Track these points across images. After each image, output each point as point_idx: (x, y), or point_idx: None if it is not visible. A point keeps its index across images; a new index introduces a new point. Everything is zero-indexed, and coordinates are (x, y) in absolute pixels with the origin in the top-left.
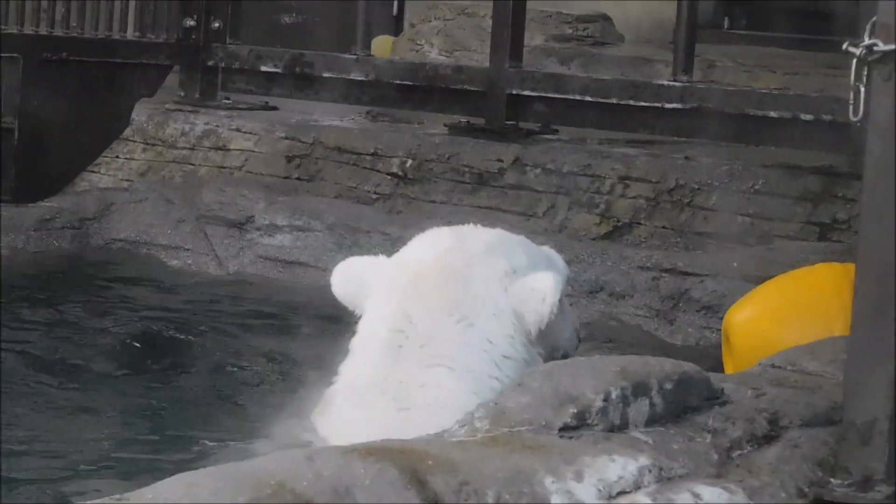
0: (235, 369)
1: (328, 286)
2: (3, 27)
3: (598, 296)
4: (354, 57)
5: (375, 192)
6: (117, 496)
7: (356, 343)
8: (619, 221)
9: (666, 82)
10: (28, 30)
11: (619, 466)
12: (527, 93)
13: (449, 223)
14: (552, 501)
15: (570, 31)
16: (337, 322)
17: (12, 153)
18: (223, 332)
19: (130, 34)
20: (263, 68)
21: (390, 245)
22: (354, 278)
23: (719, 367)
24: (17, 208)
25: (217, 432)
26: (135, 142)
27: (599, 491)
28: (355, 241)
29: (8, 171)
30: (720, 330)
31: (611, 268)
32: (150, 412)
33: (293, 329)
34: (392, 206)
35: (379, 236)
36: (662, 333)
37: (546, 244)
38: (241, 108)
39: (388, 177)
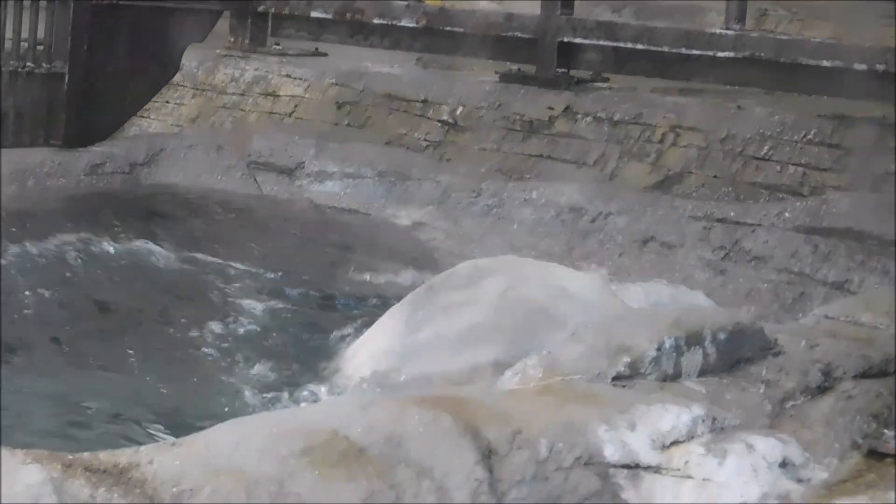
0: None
1: None
2: None
3: (649, 246)
4: (405, 3)
5: (425, 140)
6: (172, 440)
7: None
8: (670, 171)
9: (718, 31)
10: None
11: (672, 416)
12: (578, 41)
13: (499, 171)
14: (605, 451)
15: None
16: None
17: (63, 99)
18: None
19: None
20: (314, 14)
21: (441, 193)
22: None
23: (772, 317)
24: (67, 153)
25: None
26: (185, 87)
27: (653, 441)
28: (405, 189)
29: (58, 117)
30: (771, 280)
31: (661, 218)
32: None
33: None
34: (442, 153)
35: (429, 184)
36: (713, 284)
37: (596, 193)
38: (291, 55)
39: (439, 124)
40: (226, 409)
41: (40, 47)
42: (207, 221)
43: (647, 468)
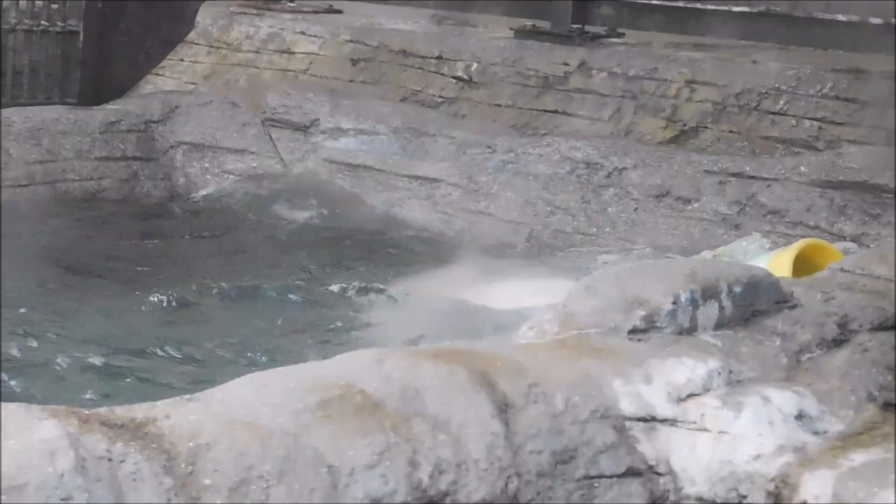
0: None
1: None
2: None
3: (664, 200)
4: None
5: (440, 96)
6: (188, 395)
7: None
8: (685, 126)
9: None
10: None
11: (687, 369)
12: None
13: (514, 127)
14: (621, 404)
15: None
16: None
17: (78, 57)
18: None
19: None
20: None
21: (455, 149)
22: None
23: None
24: (82, 111)
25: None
26: (199, 45)
27: (668, 394)
28: (420, 145)
29: (73, 75)
30: (787, 234)
31: (677, 172)
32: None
33: None
34: (457, 109)
35: (444, 140)
36: (728, 237)
37: (611, 148)
38: (305, 12)
39: (453, 80)
40: None
41: (55, 5)
42: None
43: (663, 421)
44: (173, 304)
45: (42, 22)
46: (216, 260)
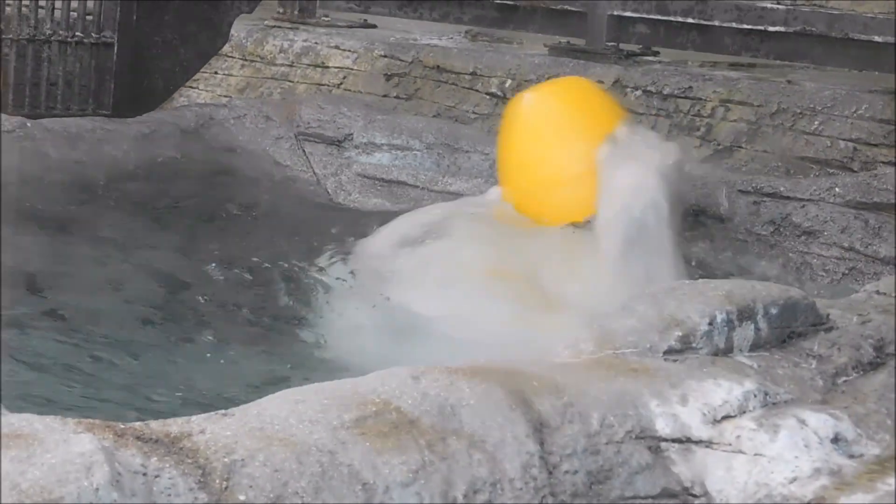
0: None
1: None
2: None
3: (698, 219)
4: None
5: (474, 112)
6: (223, 411)
7: None
8: (719, 145)
9: (770, 5)
10: None
11: (724, 391)
12: (628, 14)
13: None
14: (657, 425)
15: None
16: None
17: (112, 68)
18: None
19: None
20: None
21: (489, 165)
22: None
23: (822, 293)
24: (116, 122)
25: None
26: (233, 58)
27: (704, 415)
28: (454, 161)
29: (107, 86)
30: (821, 255)
31: (711, 192)
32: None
33: None
34: (491, 126)
35: (478, 156)
36: (763, 258)
37: None
38: (340, 26)
39: (488, 97)
40: None
41: (89, 17)
42: None
43: (699, 442)
44: None
45: (77, 33)
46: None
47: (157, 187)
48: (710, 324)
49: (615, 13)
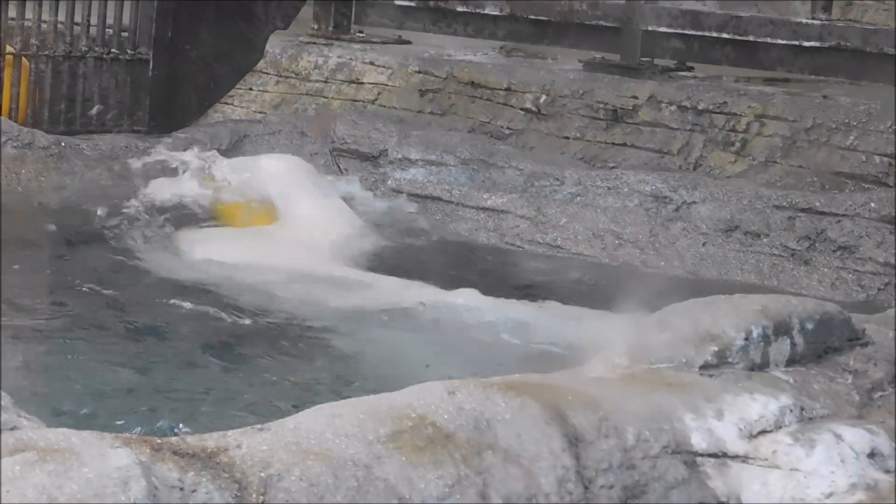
0: None
1: None
2: None
3: (733, 235)
4: None
5: (508, 128)
6: (259, 425)
7: None
8: (754, 160)
9: (804, 20)
10: None
11: (759, 405)
12: (662, 29)
13: (582, 159)
14: (692, 439)
15: None
16: None
17: (147, 85)
18: None
19: None
20: (398, 2)
21: (523, 180)
22: None
23: (858, 308)
24: (151, 139)
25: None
26: (268, 74)
27: (740, 429)
28: (488, 176)
29: (143, 103)
30: (857, 270)
31: (746, 206)
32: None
33: None
34: (525, 141)
35: (512, 171)
36: (798, 273)
37: (680, 182)
38: (374, 42)
39: (522, 112)
40: None
41: (125, 34)
42: None
43: (735, 457)
44: None
45: (112, 50)
46: None
47: None
48: (746, 338)
49: (650, 28)
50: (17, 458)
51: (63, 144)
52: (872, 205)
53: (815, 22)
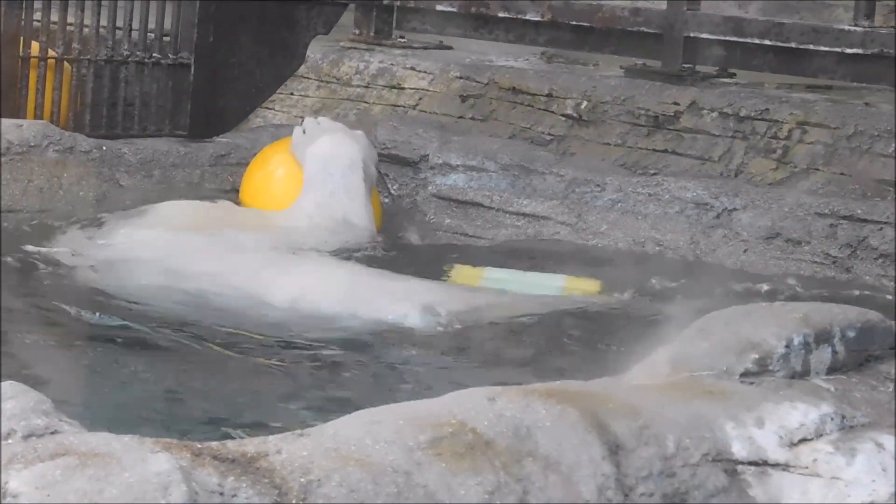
0: None
1: None
2: None
3: (774, 242)
4: None
5: (549, 134)
6: (299, 431)
7: None
8: (796, 167)
9: (847, 27)
10: None
11: (800, 414)
12: (704, 36)
13: (623, 166)
14: (733, 447)
15: None
16: None
17: (188, 89)
18: None
19: None
20: (439, 7)
21: (564, 187)
22: None
23: None
24: (192, 144)
25: None
26: (309, 79)
27: (780, 438)
28: (529, 183)
29: (184, 107)
30: None
31: (787, 214)
32: None
33: None
34: (566, 147)
35: (553, 178)
36: (839, 281)
37: (721, 189)
38: (415, 47)
39: (563, 118)
40: None
41: (166, 38)
42: None
43: (775, 465)
44: None
45: (153, 54)
46: None
47: None
48: (787, 346)
49: (691, 35)
50: (57, 462)
51: (104, 149)
52: None
53: (858, 29)
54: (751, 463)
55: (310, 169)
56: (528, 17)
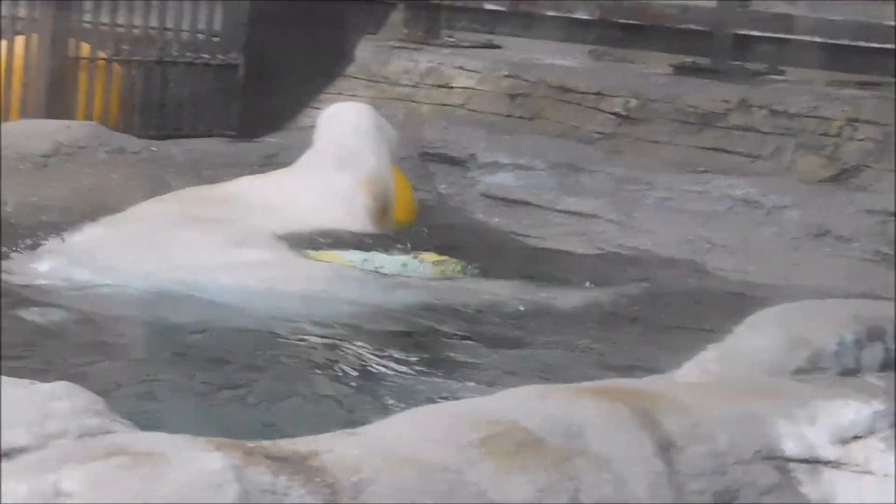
0: None
1: None
2: None
3: (824, 239)
4: None
5: (598, 132)
6: (350, 429)
7: None
8: (846, 164)
9: None
10: None
11: (852, 411)
12: (754, 33)
13: (672, 164)
14: (785, 445)
15: None
16: None
17: (238, 89)
18: None
19: None
20: (487, 6)
21: (613, 185)
22: None
23: None
24: (242, 144)
25: None
26: (358, 78)
27: (833, 435)
28: (577, 181)
29: (233, 107)
30: None
31: (837, 211)
32: None
33: None
34: (615, 145)
35: (602, 176)
36: (889, 278)
37: (771, 186)
38: (464, 46)
39: (612, 116)
40: None
41: (216, 39)
42: None
43: (827, 463)
44: None
45: (203, 55)
46: None
47: None
48: (839, 344)
49: (740, 32)
50: (110, 461)
51: (154, 149)
52: None
53: None
54: (802, 460)
55: (322, 132)
56: (576, 16)
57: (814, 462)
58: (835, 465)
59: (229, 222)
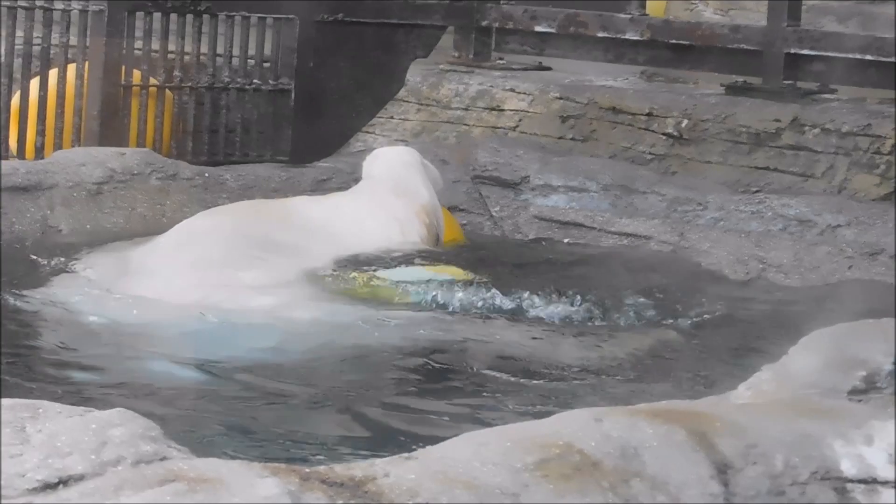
0: None
1: None
2: None
3: (879, 258)
4: (629, 16)
5: (650, 153)
6: (406, 454)
7: None
8: None
9: None
10: None
11: None
12: (805, 52)
13: (724, 184)
14: (842, 465)
15: None
16: None
17: (289, 115)
18: None
19: None
20: (537, 28)
21: (666, 206)
22: None
23: None
24: (294, 169)
25: None
26: (409, 102)
27: (890, 455)
28: (630, 202)
29: (285, 132)
30: None
31: (891, 229)
32: None
33: None
34: (667, 166)
35: (654, 197)
36: None
37: (825, 205)
38: (514, 69)
39: (663, 137)
40: None
41: (267, 64)
42: None
43: (885, 483)
44: None
45: (254, 80)
46: None
47: None
48: (895, 363)
49: (792, 51)
50: (166, 488)
51: (207, 175)
52: None
53: None
54: (860, 481)
55: (369, 168)
56: (626, 37)
57: (871, 482)
58: (893, 485)
59: (291, 245)
